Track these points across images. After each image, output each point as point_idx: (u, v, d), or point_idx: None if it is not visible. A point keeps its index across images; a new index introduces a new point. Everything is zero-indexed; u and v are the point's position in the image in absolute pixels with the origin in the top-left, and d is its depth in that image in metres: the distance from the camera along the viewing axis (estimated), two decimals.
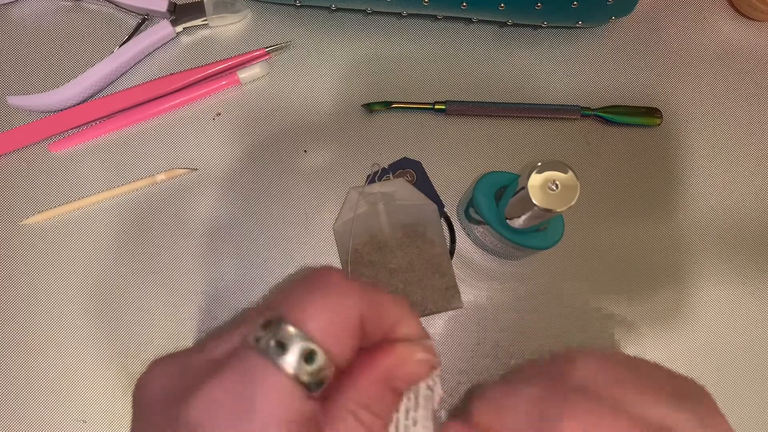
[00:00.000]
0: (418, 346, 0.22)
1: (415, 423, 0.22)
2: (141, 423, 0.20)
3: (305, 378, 0.19)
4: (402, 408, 0.22)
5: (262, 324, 0.19)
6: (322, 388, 0.19)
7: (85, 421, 0.38)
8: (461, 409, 0.23)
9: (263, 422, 0.18)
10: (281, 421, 0.18)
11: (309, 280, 0.21)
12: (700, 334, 0.40)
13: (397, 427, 0.22)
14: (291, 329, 0.19)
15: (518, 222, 0.34)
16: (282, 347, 0.19)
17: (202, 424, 0.18)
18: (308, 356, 0.19)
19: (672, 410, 0.20)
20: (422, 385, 0.23)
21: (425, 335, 0.23)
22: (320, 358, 0.19)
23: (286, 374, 0.18)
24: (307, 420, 0.19)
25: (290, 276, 0.22)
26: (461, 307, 0.39)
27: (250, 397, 0.18)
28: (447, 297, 0.39)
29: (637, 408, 0.20)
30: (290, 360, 0.18)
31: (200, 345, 0.21)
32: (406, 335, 0.22)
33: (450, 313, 0.40)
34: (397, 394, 0.22)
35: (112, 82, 0.42)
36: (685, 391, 0.22)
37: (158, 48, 0.43)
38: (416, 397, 0.23)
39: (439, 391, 0.23)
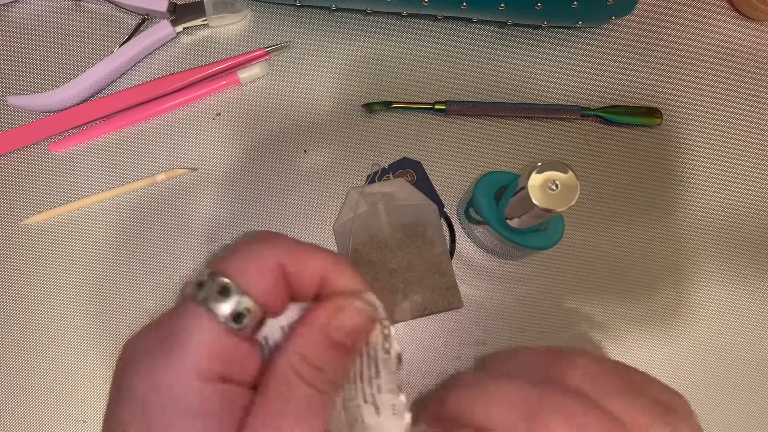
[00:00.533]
0: (353, 296, 0.22)
1: (380, 390, 0.22)
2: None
3: (223, 310, 0.20)
4: (365, 377, 0.22)
5: (192, 275, 0.21)
6: (244, 323, 0.20)
7: (85, 421, 0.38)
8: (431, 397, 0.23)
9: (184, 353, 0.19)
10: (201, 352, 0.19)
11: (242, 239, 0.23)
12: (700, 334, 0.40)
13: (364, 397, 0.22)
14: (209, 271, 0.21)
15: (518, 222, 0.34)
16: (200, 286, 0.20)
17: (131, 358, 0.20)
18: (224, 291, 0.20)
19: (658, 421, 0.20)
20: (379, 350, 0.23)
21: (365, 288, 0.23)
22: (235, 292, 0.20)
23: (205, 310, 0.20)
24: (229, 354, 0.20)
25: None
26: (461, 307, 0.39)
27: (174, 333, 0.20)
28: (447, 297, 0.39)
29: (626, 415, 0.20)
30: (207, 295, 0.20)
31: None
32: (343, 288, 0.23)
33: (450, 313, 0.40)
34: (343, 350, 0.22)
35: (112, 82, 0.42)
36: (674, 406, 0.22)
37: (158, 48, 0.43)
38: (376, 364, 0.23)
39: (396, 350, 0.23)
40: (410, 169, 0.41)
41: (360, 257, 0.39)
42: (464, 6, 0.40)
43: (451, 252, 0.40)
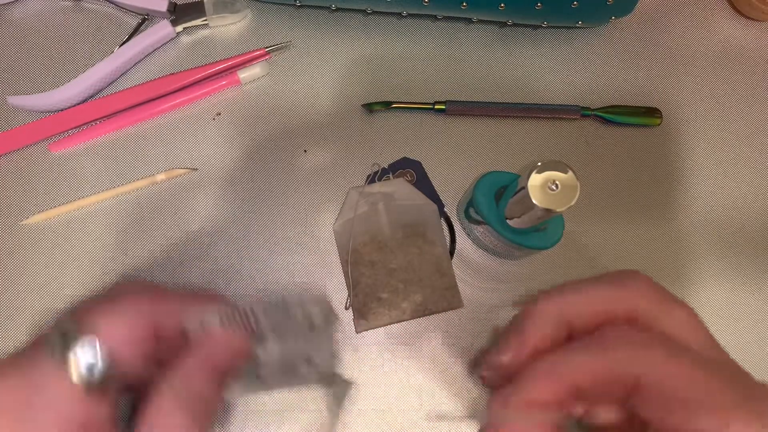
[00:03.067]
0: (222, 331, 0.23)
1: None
2: None
3: (84, 380, 0.19)
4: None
5: (55, 325, 0.21)
6: (104, 389, 0.20)
7: None
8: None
9: (40, 422, 0.19)
10: (58, 421, 0.19)
11: (112, 289, 0.22)
12: None
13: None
14: (76, 333, 0.20)
15: (518, 222, 0.34)
16: (65, 350, 0.20)
17: None
18: (90, 364, 0.20)
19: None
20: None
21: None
22: (100, 364, 0.20)
23: (65, 377, 0.19)
24: (87, 418, 0.20)
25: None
26: (461, 307, 0.39)
27: (29, 397, 0.19)
28: (447, 297, 0.39)
29: None
30: (71, 363, 0.19)
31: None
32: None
33: (450, 312, 0.40)
34: (216, 382, 0.23)
35: (112, 82, 0.42)
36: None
37: (158, 48, 0.43)
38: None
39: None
40: (410, 169, 0.41)
41: (360, 257, 0.39)
42: (464, 6, 0.40)
43: (451, 252, 0.40)
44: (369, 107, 0.42)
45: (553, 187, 0.30)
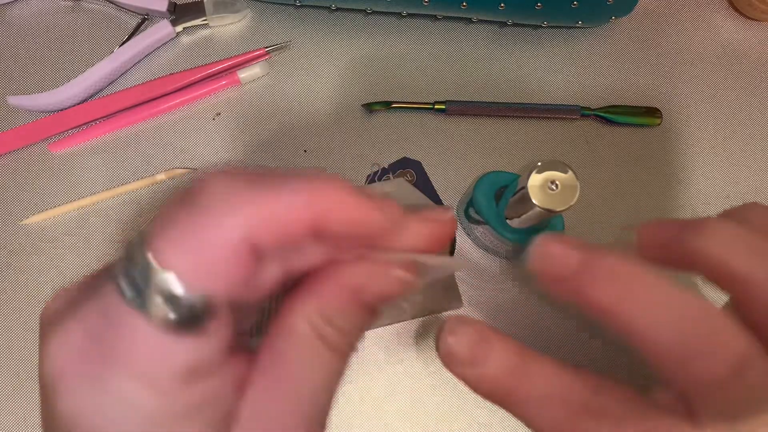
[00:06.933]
0: (394, 262, 0.18)
1: None
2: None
3: (170, 321, 0.15)
4: None
5: (124, 254, 0.16)
6: (201, 324, 0.15)
7: None
8: None
9: (133, 379, 0.15)
10: (154, 378, 0.15)
11: (189, 191, 0.16)
12: None
13: None
14: (149, 265, 0.15)
15: (518, 222, 0.34)
16: (138, 289, 0.15)
17: (61, 378, 0.16)
18: (170, 297, 0.15)
19: None
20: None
21: (374, 213, 0.17)
22: (186, 298, 0.15)
23: (146, 320, 0.15)
24: (192, 366, 0.16)
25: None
26: (461, 307, 0.39)
27: (112, 348, 0.15)
28: (447, 297, 0.39)
29: None
30: (149, 305, 0.15)
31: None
32: (346, 224, 0.17)
33: (450, 313, 0.40)
34: (371, 313, 0.18)
35: (112, 82, 0.42)
36: None
37: (158, 48, 0.43)
38: None
39: None
40: (410, 169, 0.41)
41: None
42: (464, 6, 0.40)
43: (451, 252, 0.40)
44: (369, 107, 0.42)
45: (553, 187, 0.30)
